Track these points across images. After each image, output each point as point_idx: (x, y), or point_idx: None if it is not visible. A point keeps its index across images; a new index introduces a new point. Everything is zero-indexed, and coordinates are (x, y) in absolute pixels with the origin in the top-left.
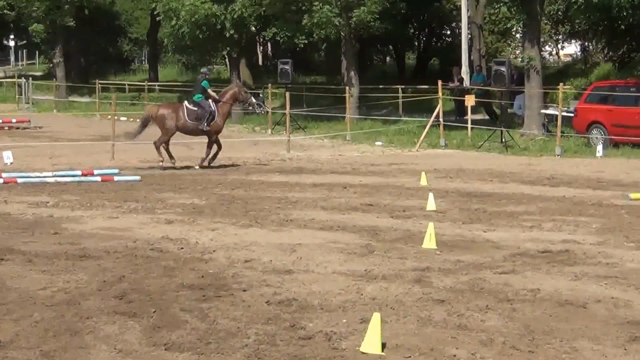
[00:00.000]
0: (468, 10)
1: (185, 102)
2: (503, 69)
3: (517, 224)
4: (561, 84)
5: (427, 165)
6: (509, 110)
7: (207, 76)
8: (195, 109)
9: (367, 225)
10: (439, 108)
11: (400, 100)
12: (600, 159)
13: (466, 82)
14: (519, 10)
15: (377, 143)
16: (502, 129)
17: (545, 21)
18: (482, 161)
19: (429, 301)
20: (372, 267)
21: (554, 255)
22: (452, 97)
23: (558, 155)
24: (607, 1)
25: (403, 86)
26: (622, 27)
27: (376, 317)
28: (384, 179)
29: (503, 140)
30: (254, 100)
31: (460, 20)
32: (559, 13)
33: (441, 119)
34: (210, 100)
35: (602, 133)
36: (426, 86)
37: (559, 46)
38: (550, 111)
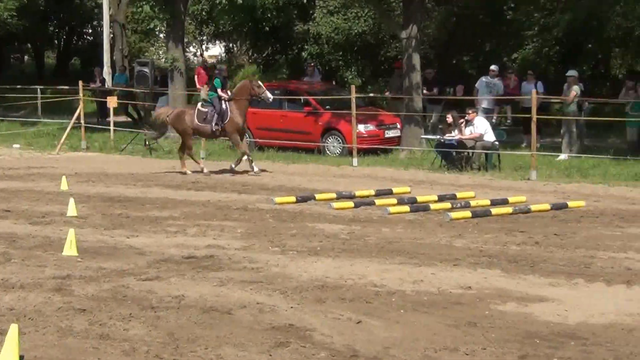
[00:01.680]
0: (110, 9)
1: (199, 103)
2: (146, 69)
3: (161, 230)
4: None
5: (68, 169)
6: (152, 112)
7: (221, 74)
8: (206, 109)
9: (4, 232)
10: (80, 109)
11: (39, 101)
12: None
13: (108, 83)
14: (162, 9)
15: (14, 146)
16: (146, 131)
17: (190, 21)
18: (125, 165)
19: (70, 310)
20: (10, 276)
21: (198, 261)
22: (94, 98)
23: (202, 158)
24: (251, 2)
25: (42, 87)
26: (267, 28)
27: (13, 329)
28: (22, 184)
29: (146, 143)
30: (268, 95)
31: (102, 19)
32: (204, 13)
33: (82, 121)
34: (222, 99)
35: (247, 136)
36: (67, 87)
37: (204, 47)
38: None
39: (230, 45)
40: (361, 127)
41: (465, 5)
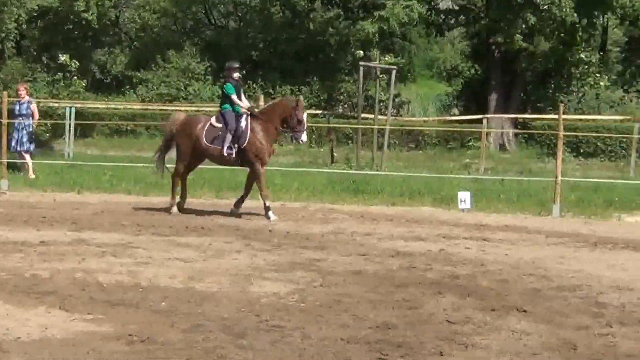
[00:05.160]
0: None
1: (214, 117)
2: None
3: None
4: None
5: None
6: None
7: (233, 76)
8: (219, 125)
9: None
10: None
11: None
12: None
13: None
14: None
15: None
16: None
17: None
18: None
19: None
20: None
21: None
22: None
23: None
24: None
25: None
26: None
27: None
28: None
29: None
30: (304, 137)
31: None
32: None
33: None
34: (242, 114)
35: None
36: None
37: None
38: None
39: None
40: None
41: None
